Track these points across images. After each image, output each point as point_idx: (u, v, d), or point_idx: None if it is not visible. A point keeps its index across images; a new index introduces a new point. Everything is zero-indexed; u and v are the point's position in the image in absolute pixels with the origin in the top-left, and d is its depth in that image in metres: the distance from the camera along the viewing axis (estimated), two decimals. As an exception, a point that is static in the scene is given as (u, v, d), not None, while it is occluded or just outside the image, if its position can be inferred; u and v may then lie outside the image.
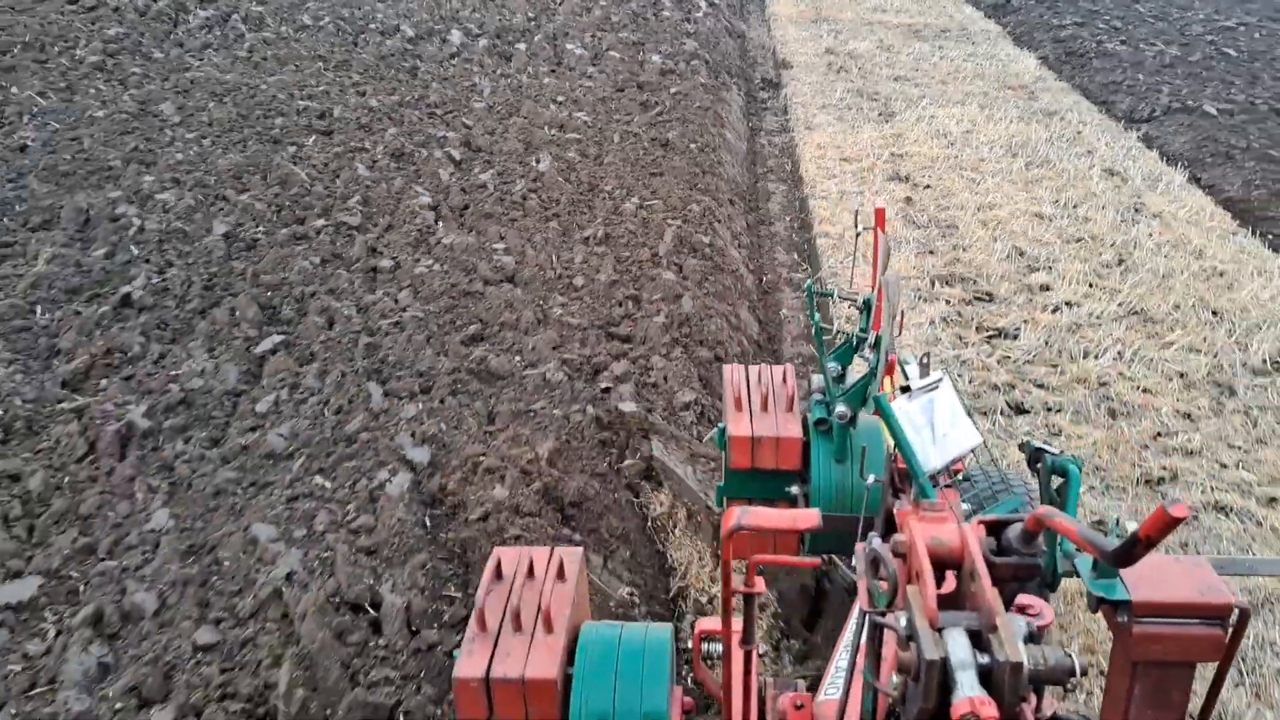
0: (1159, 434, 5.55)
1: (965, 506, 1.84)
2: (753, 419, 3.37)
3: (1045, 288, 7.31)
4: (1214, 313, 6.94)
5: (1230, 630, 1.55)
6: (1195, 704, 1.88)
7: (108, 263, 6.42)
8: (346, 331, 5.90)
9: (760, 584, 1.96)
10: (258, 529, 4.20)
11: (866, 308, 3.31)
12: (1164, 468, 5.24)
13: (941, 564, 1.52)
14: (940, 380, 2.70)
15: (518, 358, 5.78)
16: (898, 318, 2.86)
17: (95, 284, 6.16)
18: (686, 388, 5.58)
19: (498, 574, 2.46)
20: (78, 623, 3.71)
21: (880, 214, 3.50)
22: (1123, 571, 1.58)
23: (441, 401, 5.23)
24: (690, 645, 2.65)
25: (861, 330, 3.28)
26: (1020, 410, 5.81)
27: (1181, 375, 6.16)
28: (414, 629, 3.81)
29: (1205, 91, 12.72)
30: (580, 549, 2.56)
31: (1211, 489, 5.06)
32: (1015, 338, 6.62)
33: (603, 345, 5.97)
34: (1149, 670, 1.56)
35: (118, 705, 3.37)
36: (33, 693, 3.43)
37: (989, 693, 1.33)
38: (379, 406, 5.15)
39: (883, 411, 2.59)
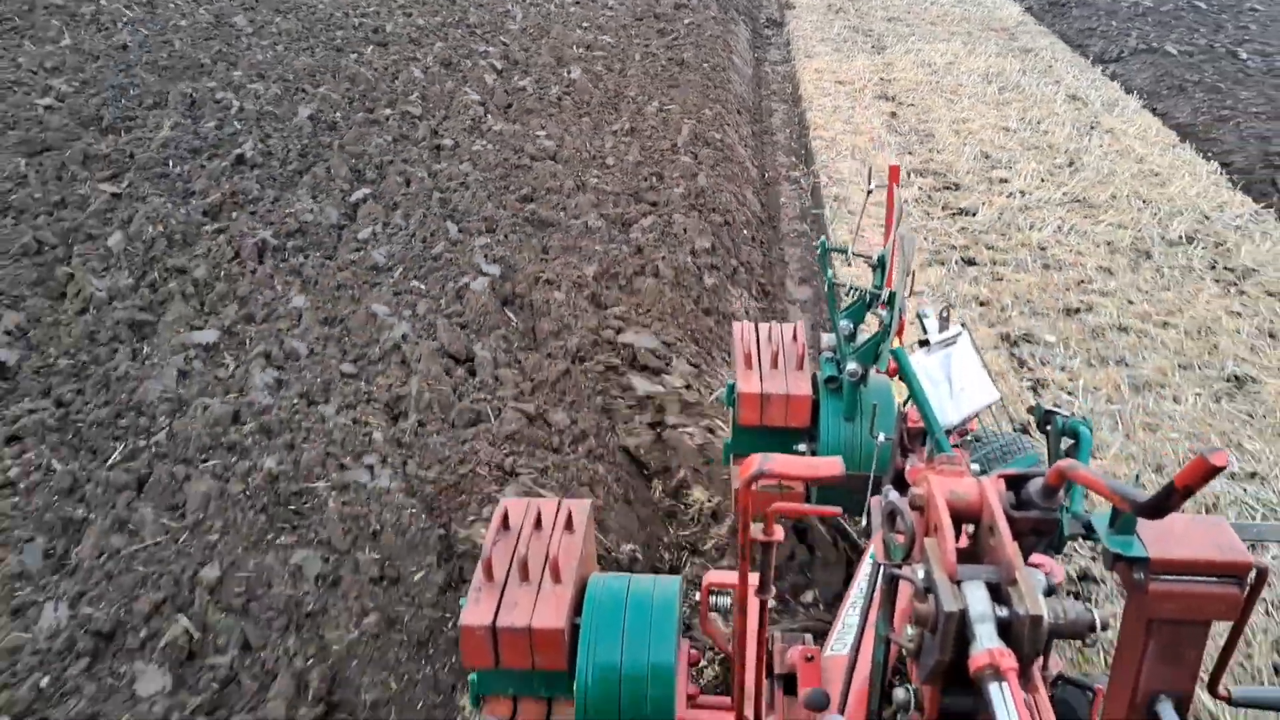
0: (1081, 281, 6.81)
1: (974, 467, 1.88)
2: (762, 376, 3.34)
3: (1004, 180, 8.54)
4: (1144, 201, 8.17)
5: (1247, 589, 1.49)
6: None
7: (218, 132, 7.63)
8: (421, 189, 7.12)
9: (779, 532, 1.88)
10: (375, 308, 5.46)
11: (880, 265, 3.23)
12: (1082, 302, 6.50)
13: (959, 518, 1.46)
14: (959, 334, 2.64)
15: (563, 213, 7.01)
16: (912, 274, 2.74)
17: (211, 147, 7.37)
18: (702, 238, 6.82)
19: (505, 524, 2.42)
20: (252, 357, 4.98)
21: (895, 171, 3.43)
22: (1139, 530, 1.52)
23: (505, 237, 6.48)
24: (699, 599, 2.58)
25: (875, 287, 3.22)
26: (970, 263, 7.07)
27: (1108, 243, 7.41)
28: (497, 376, 5.08)
29: (1170, 36, 13.85)
30: (588, 501, 2.54)
31: (1118, 317, 6.32)
32: (974, 215, 7.86)
33: (633, 206, 7.20)
34: (1163, 628, 1.49)
35: (295, 403, 4.64)
36: (229, 397, 4.69)
37: (1008, 646, 1.29)
38: (455, 238, 6.40)
39: (901, 365, 2.55)
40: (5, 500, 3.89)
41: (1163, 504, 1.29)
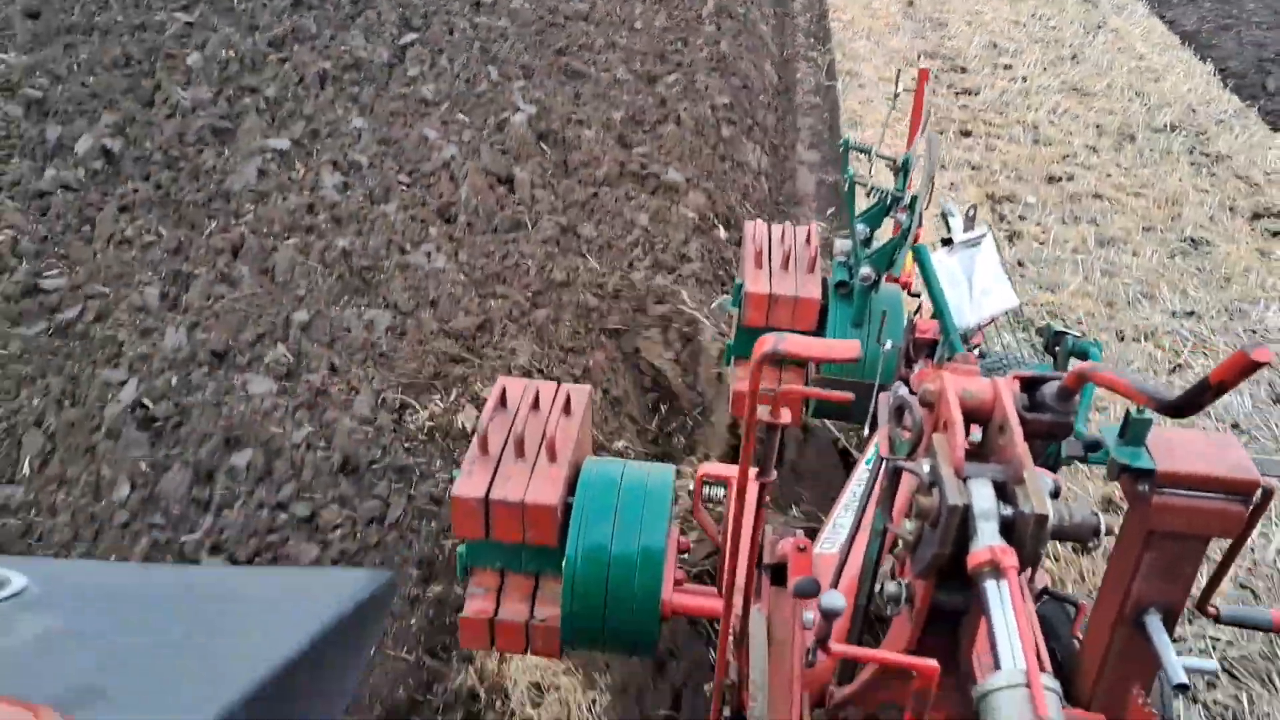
0: (1066, 156, 7.39)
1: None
2: (772, 277, 3.24)
3: (1008, 67, 9.03)
4: (1137, 94, 8.67)
5: (1252, 508, 1.46)
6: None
7: (277, -25, 8.12)
8: (464, 38, 7.66)
9: (786, 415, 1.84)
10: (426, 132, 6.08)
11: (904, 168, 3.12)
12: (1064, 173, 7.10)
13: (969, 418, 1.41)
14: (984, 236, 2.57)
15: (593, 66, 7.56)
16: (933, 180, 2.73)
17: (271, -12, 7.88)
18: (721, 95, 7.38)
19: (502, 402, 2.37)
20: (321, 164, 5.62)
21: (924, 74, 3.39)
22: (1150, 443, 1.48)
23: (541, 83, 7.05)
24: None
25: (897, 190, 3.10)
26: (966, 134, 7.64)
27: (1098, 126, 7.96)
28: (534, 195, 5.72)
29: (1189, -53, 14.06)
30: (588, 387, 2.49)
31: (1095, 186, 6.93)
32: (976, 94, 8.39)
33: (659, 65, 7.74)
34: (1162, 542, 1.47)
35: (360, 201, 5.30)
36: (303, 193, 5.34)
37: (1009, 544, 1.26)
38: (495, 80, 6.97)
39: (921, 262, 2.51)
40: (126, 253, 4.58)
41: (1194, 400, 1.22)
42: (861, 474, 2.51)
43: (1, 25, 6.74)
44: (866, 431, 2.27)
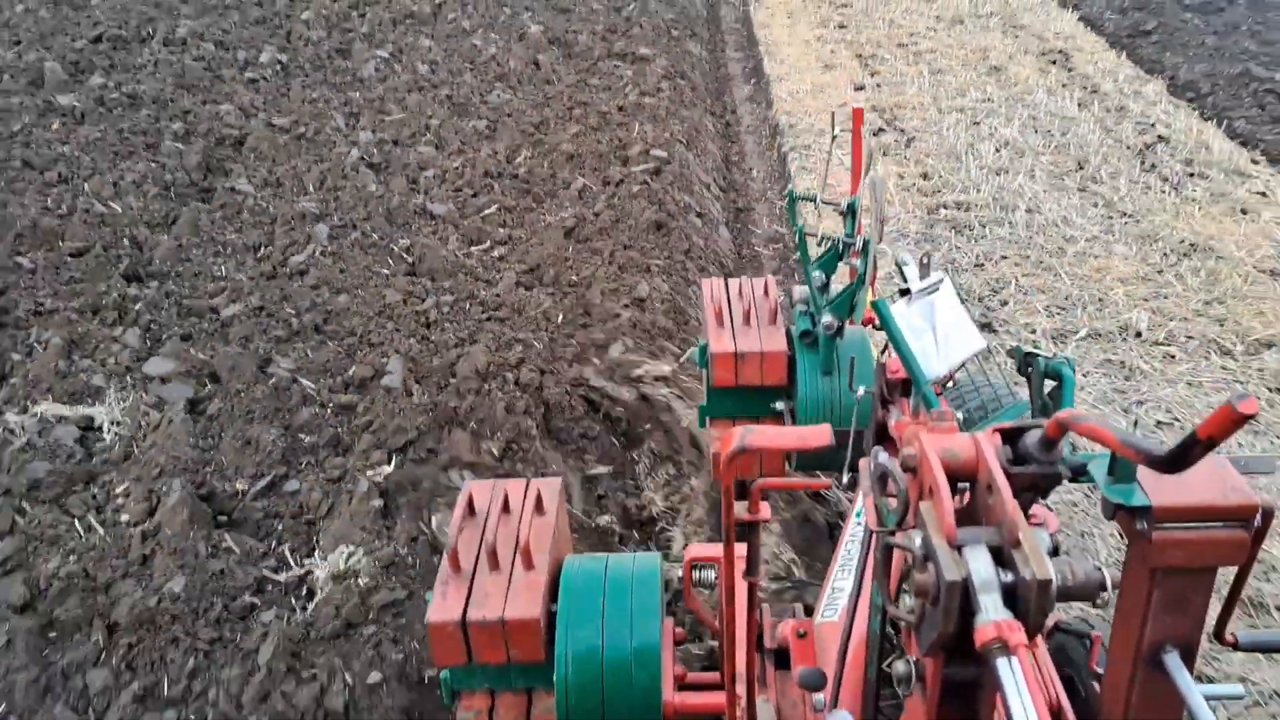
0: (913, 34, 10.27)
1: (958, 416, 1.55)
2: (735, 334, 3.16)
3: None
4: (1016, 34, 11.58)
5: (1254, 531, 1.36)
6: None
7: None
8: (481, -4, 10.47)
9: (766, 510, 1.72)
10: (474, 41, 8.83)
11: (850, 212, 3.07)
12: (911, 42, 9.97)
13: (954, 477, 1.29)
14: (941, 281, 2.50)
15: (576, 4, 10.35)
16: (883, 222, 2.45)
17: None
18: (669, 14, 10.18)
19: (470, 510, 2.20)
20: (414, 61, 8.34)
21: (858, 114, 3.34)
22: (1141, 477, 1.39)
23: (541, 14, 9.85)
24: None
25: (847, 235, 3.05)
26: (842, 26, 10.51)
27: (937, 16, 10.87)
28: (554, 68, 8.47)
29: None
30: (559, 480, 2.34)
31: (931, 46, 9.81)
32: (849, 5, 11.29)
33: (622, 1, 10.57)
34: (1168, 577, 1.37)
35: (445, 76, 8.01)
36: (409, 75, 8.04)
37: (1013, 613, 1.15)
38: (510, 13, 9.77)
39: (882, 317, 2.44)
40: (317, 105, 7.28)
41: (1182, 456, 1.09)
42: (853, 530, 2.41)
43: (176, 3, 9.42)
44: (844, 478, 2.14)
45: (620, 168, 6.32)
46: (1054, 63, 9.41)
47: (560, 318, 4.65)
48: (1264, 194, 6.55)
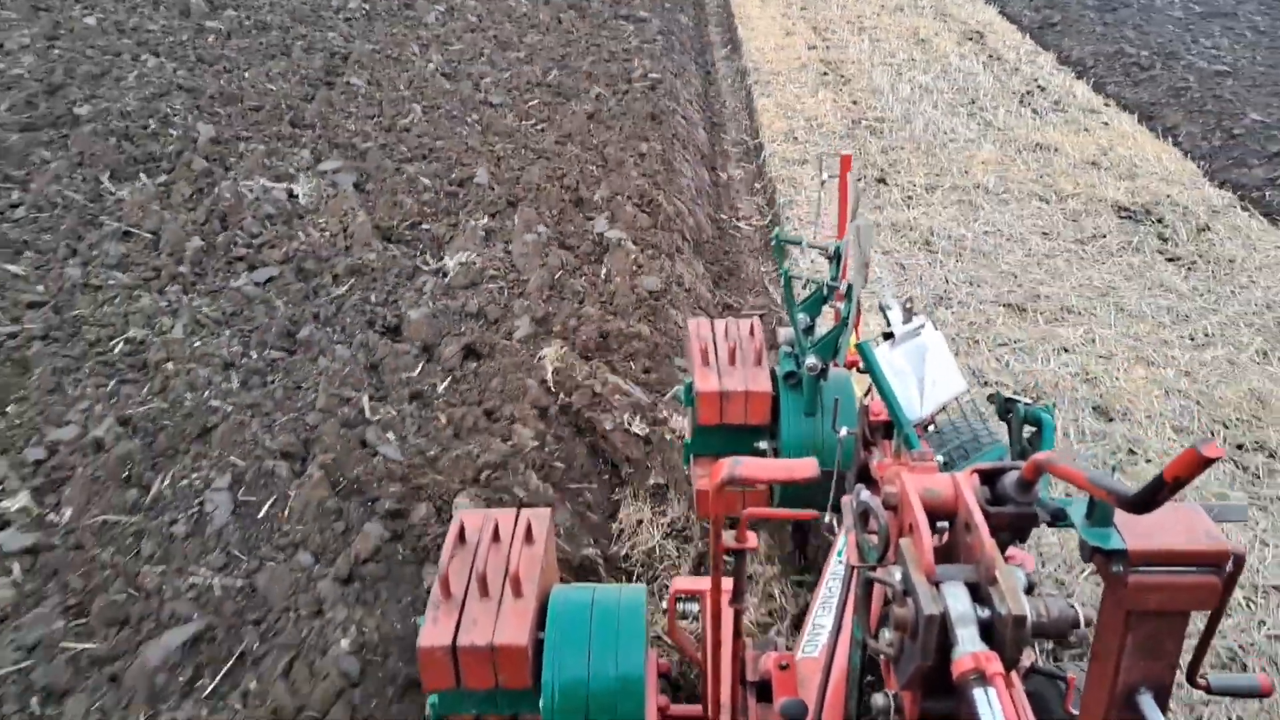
0: (860, 15, 12.45)
1: (938, 458, 1.60)
2: (720, 373, 3.13)
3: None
4: (944, 19, 13.76)
5: (1226, 576, 1.38)
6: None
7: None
8: None
9: (753, 539, 1.73)
10: (509, 1, 10.92)
11: (836, 257, 3.04)
12: (859, 23, 12.13)
13: (934, 516, 1.34)
14: (924, 325, 2.52)
15: None
16: (868, 266, 2.61)
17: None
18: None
19: (461, 538, 2.23)
20: (465, 11, 10.42)
21: (846, 161, 3.31)
22: (1117, 520, 1.39)
23: (561, -11, 11.97)
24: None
25: (831, 279, 3.03)
26: (803, 8, 12.68)
27: (881, 4, 13.05)
28: (575, 24, 10.56)
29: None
30: (548, 510, 2.34)
31: (872, 26, 11.97)
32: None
33: None
34: (1142, 621, 1.38)
35: (490, 23, 10.09)
36: (467, 20, 10.12)
37: (990, 647, 1.19)
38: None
39: (866, 360, 2.43)
40: (397, 44, 9.33)
41: (1151, 498, 1.15)
42: (835, 568, 2.41)
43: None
44: (828, 518, 2.08)
45: (625, 83, 8.42)
46: (970, 39, 11.59)
47: (586, 160, 6.73)
48: (1106, 123, 8.71)
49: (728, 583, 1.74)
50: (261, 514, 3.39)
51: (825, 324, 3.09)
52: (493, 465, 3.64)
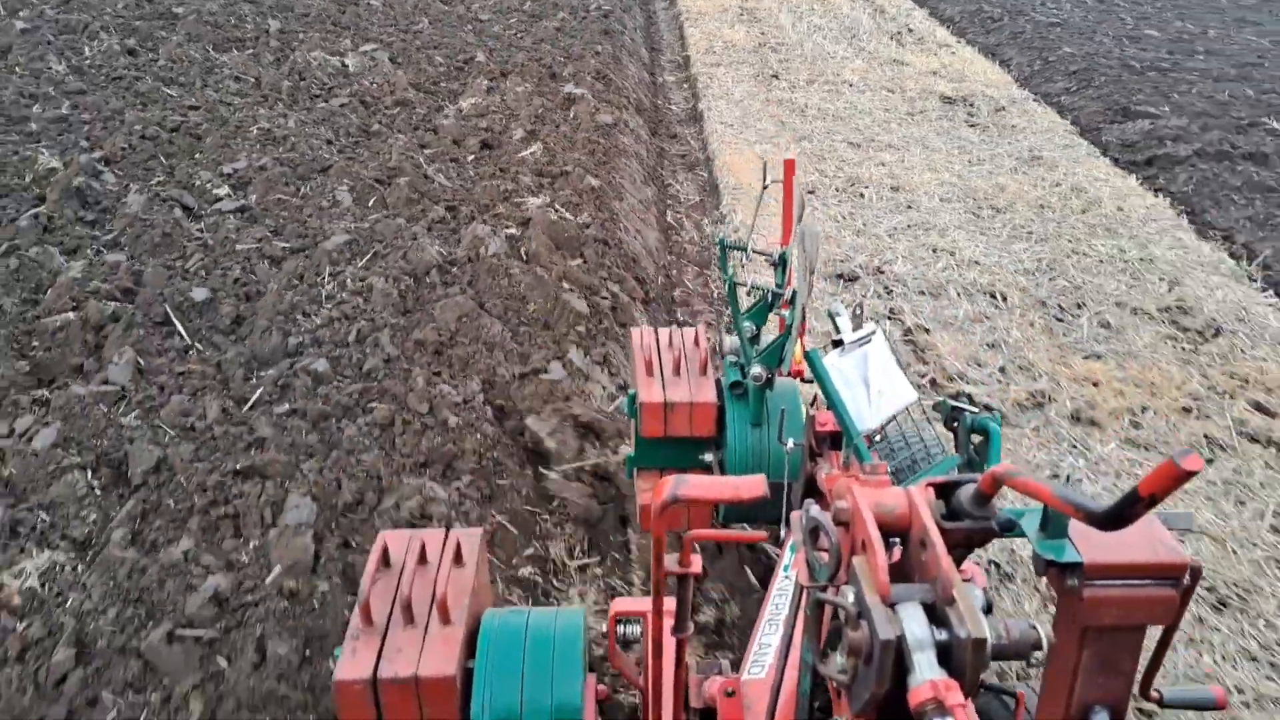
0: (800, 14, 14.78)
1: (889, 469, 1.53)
2: (665, 384, 2.99)
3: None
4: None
5: (1183, 590, 1.32)
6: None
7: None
8: None
9: (697, 563, 1.63)
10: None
11: (781, 263, 2.96)
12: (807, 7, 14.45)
13: (887, 532, 1.25)
14: (873, 333, 2.43)
15: None
16: (813, 273, 2.53)
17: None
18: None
19: (384, 561, 2.04)
20: (449, -34, 12.51)
21: (790, 165, 3.19)
22: (1071, 533, 1.32)
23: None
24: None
25: (777, 286, 2.91)
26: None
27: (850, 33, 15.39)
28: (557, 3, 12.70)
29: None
30: (480, 530, 2.20)
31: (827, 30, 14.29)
32: None
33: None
34: (1098, 636, 1.32)
35: (488, 15, 12.20)
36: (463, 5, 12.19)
37: (948, 672, 1.11)
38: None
39: (814, 367, 2.35)
40: (405, 23, 11.41)
41: (1124, 514, 1.07)
42: (781, 584, 2.31)
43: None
44: (783, 532, 1.99)
45: (584, 12, 10.61)
46: (866, 1, 13.97)
47: (556, 54, 8.89)
48: (954, 53, 11.11)
49: (671, 603, 1.63)
50: (370, 202, 5.53)
51: (771, 332, 2.96)
52: (506, 194, 5.81)
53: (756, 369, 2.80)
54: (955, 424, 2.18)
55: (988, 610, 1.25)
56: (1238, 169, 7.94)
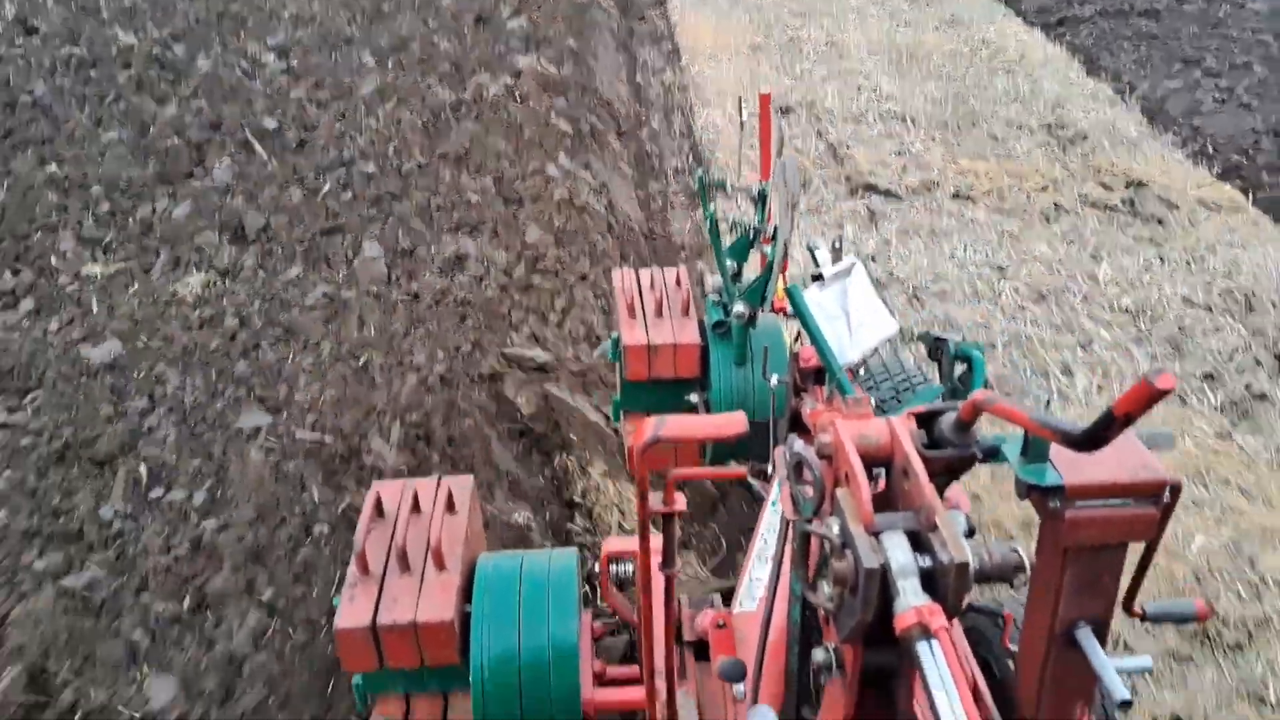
0: None
1: (872, 401, 1.48)
2: (648, 326, 2.97)
3: None
4: None
5: (1163, 507, 1.32)
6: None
7: None
8: None
9: (680, 501, 1.64)
10: None
11: (761, 199, 2.90)
12: None
13: (870, 463, 1.25)
14: (853, 265, 2.40)
15: None
16: (796, 206, 2.51)
17: None
18: None
19: (378, 512, 2.07)
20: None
21: (765, 100, 3.11)
22: (1053, 456, 1.31)
23: None
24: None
25: (758, 222, 2.87)
26: None
27: None
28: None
29: None
30: (470, 477, 2.22)
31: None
32: None
33: None
34: (1080, 555, 1.33)
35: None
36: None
37: (932, 596, 1.12)
38: None
39: (795, 303, 2.31)
40: None
41: (1100, 434, 1.08)
42: (770, 519, 2.28)
43: None
44: (770, 470, 1.99)
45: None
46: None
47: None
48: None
49: (656, 542, 1.61)
50: (389, 64, 6.63)
51: (753, 270, 2.90)
52: (500, 54, 6.88)
53: (739, 307, 2.77)
54: (940, 354, 2.20)
55: (970, 534, 1.28)
56: (1130, 23, 9.04)
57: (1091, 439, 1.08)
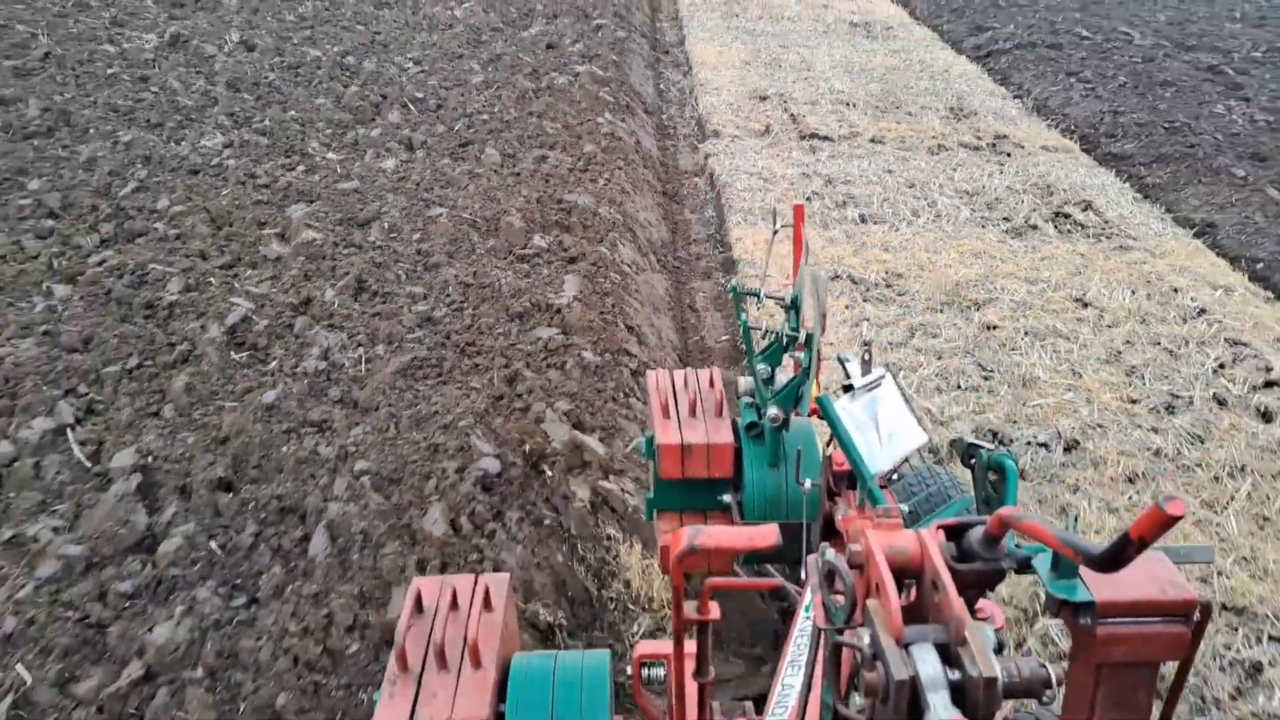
0: None
1: (903, 508, 1.57)
2: (681, 426, 2.98)
3: None
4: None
5: (1194, 626, 1.31)
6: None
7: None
8: None
9: (715, 610, 1.64)
10: None
11: (794, 305, 2.92)
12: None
13: (900, 575, 1.25)
14: (883, 376, 2.42)
15: None
16: (825, 315, 2.53)
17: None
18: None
19: (418, 607, 2.09)
20: None
21: (799, 210, 3.21)
22: (1083, 572, 1.31)
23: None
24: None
25: (791, 329, 2.88)
26: None
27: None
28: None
29: None
30: (507, 576, 2.23)
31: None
32: None
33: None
34: (1113, 673, 1.31)
35: None
36: None
37: (961, 710, 1.11)
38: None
39: (826, 414, 2.31)
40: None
41: (1117, 557, 1.10)
42: (802, 624, 2.29)
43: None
44: (804, 575, 1.97)
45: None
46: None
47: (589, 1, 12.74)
48: (891, 29, 14.80)
49: (691, 649, 1.58)
50: (490, 70, 9.42)
51: (786, 373, 2.90)
52: (562, 65, 9.64)
53: (773, 410, 2.79)
54: (972, 460, 2.16)
55: (999, 650, 1.28)
56: (1037, 52, 11.64)
57: (1111, 561, 1.09)
